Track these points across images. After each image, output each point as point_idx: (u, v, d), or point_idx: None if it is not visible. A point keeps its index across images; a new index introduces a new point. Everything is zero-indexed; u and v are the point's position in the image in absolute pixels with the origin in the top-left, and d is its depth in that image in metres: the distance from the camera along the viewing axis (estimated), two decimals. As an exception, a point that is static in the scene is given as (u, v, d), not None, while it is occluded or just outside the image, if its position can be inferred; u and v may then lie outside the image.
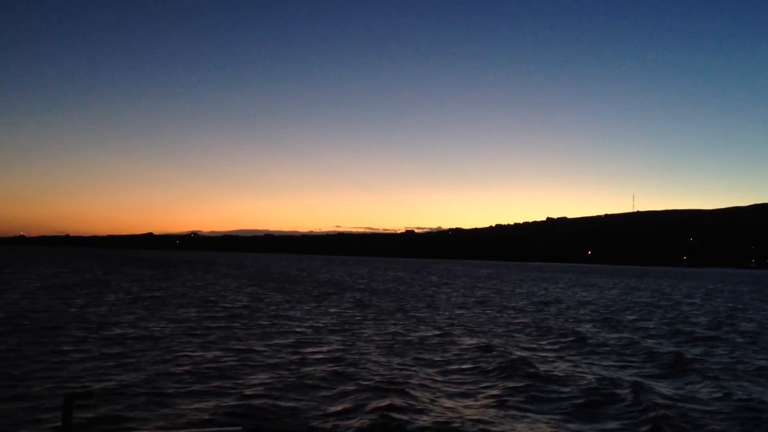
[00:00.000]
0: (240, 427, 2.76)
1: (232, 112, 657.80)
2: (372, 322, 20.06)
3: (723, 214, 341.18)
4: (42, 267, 58.35)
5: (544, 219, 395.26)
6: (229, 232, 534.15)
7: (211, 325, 17.37)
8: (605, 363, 13.33)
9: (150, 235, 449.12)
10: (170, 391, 9.25)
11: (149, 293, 28.76)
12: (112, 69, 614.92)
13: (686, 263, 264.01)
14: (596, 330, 19.99)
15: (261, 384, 9.83)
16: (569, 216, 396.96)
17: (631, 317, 25.61)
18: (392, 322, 20.36)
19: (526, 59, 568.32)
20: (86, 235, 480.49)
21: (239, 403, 8.56)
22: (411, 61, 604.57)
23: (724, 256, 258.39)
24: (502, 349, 14.88)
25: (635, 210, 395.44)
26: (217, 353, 12.71)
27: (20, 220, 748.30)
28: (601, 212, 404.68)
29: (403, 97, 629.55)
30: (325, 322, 19.70)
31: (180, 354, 12.45)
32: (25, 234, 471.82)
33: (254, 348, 13.58)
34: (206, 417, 7.82)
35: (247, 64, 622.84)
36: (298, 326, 18.06)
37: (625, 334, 18.87)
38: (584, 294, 42.87)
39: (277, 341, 14.65)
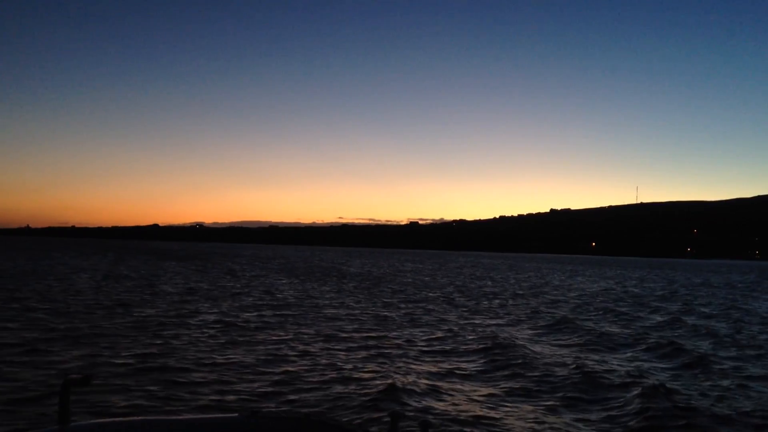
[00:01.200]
0: (237, 414, 2.70)
1: (234, 103, 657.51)
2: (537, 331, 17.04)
3: (727, 205, 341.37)
4: (77, 258, 57.43)
5: (548, 210, 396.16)
6: (231, 223, 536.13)
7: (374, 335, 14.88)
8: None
9: (155, 226, 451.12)
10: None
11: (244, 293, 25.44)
12: (118, 61, 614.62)
13: (691, 255, 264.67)
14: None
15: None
16: (573, 207, 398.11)
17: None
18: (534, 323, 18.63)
19: (530, 51, 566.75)
20: (92, 226, 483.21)
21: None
22: (415, 53, 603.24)
23: (729, 248, 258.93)
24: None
25: (639, 202, 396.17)
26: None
27: (26, 211, 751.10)
28: (605, 204, 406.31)
29: (406, 89, 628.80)
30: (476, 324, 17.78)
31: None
32: (31, 225, 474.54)
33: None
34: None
35: (251, 55, 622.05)
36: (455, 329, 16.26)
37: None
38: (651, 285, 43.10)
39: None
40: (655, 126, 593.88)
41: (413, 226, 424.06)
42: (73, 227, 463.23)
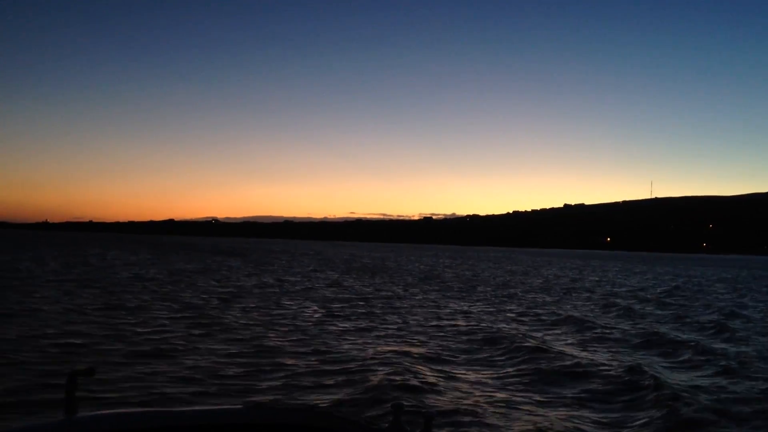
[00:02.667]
0: (241, 406, 2.76)
1: (246, 99, 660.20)
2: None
3: (742, 200, 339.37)
4: (122, 253, 56.53)
5: (562, 205, 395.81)
6: (244, 218, 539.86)
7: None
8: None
9: (171, 221, 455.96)
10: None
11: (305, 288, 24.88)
12: (135, 59, 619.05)
13: (706, 250, 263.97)
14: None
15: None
16: (587, 202, 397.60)
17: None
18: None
19: (544, 46, 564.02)
20: (109, 221, 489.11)
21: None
22: (428, 48, 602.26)
23: (744, 243, 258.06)
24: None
25: (653, 196, 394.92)
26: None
27: (44, 206, 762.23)
28: (619, 198, 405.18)
29: (419, 84, 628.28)
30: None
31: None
32: (49, 220, 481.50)
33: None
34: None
35: (265, 52, 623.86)
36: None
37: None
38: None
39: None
40: (669, 120, 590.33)
41: (427, 221, 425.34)
42: (90, 222, 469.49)
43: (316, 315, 16.08)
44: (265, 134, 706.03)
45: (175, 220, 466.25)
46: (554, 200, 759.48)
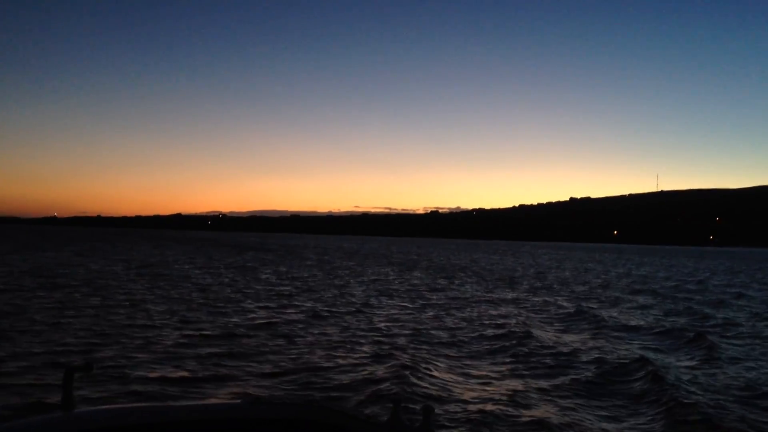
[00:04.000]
0: (240, 400, 2.73)
1: (250, 94, 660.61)
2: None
3: (748, 193, 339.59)
4: (157, 249, 56.70)
5: (568, 199, 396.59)
6: (249, 212, 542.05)
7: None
8: None
9: (179, 215, 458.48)
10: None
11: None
12: (143, 54, 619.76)
13: (714, 243, 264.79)
14: None
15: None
16: (593, 196, 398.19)
17: None
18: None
19: (549, 39, 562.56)
20: (116, 215, 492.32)
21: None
22: (433, 42, 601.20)
23: (752, 236, 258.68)
24: None
25: (659, 190, 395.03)
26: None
27: (52, 200, 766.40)
28: (625, 192, 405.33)
29: (423, 77, 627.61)
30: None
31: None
32: (57, 215, 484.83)
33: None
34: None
35: (270, 48, 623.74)
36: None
37: None
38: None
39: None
40: (675, 113, 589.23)
41: (433, 215, 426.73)
42: (98, 216, 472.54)
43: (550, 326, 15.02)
44: (270, 129, 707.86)
45: (183, 214, 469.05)
46: (560, 194, 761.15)
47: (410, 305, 18.35)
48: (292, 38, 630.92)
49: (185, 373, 8.52)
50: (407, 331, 13.13)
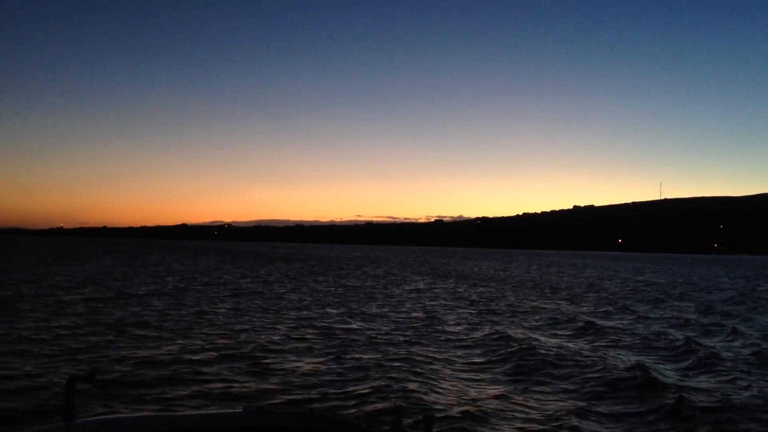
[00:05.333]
0: (241, 409, 2.66)
1: (252, 103, 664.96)
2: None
3: (752, 201, 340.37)
4: (186, 260, 57.63)
5: (571, 207, 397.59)
6: (252, 222, 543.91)
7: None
8: None
9: (184, 225, 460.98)
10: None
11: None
12: (146, 65, 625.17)
13: (717, 250, 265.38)
14: None
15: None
16: (596, 204, 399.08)
17: None
18: None
19: (552, 47, 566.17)
20: (122, 226, 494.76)
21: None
22: (434, 49, 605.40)
23: (755, 243, 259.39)
24: None
25: (663, 197, 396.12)
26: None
27: (58, 211, 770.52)
28: (629, 200, 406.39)
29: (425, 86, 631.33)
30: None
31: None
32: (64, 226, 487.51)
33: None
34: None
35: (271, 58, 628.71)
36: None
37: None
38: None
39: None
40: (677, 121, 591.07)
41: (438, 224, 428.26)
42: (104, 227, 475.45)
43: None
44: (271, 138, 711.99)
45: (188, 224, 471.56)
46: (563, 202, 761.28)
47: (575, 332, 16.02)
48: (295, 49, 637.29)
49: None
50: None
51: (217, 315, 16.90)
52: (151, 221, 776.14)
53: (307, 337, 13.64)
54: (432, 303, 22.72)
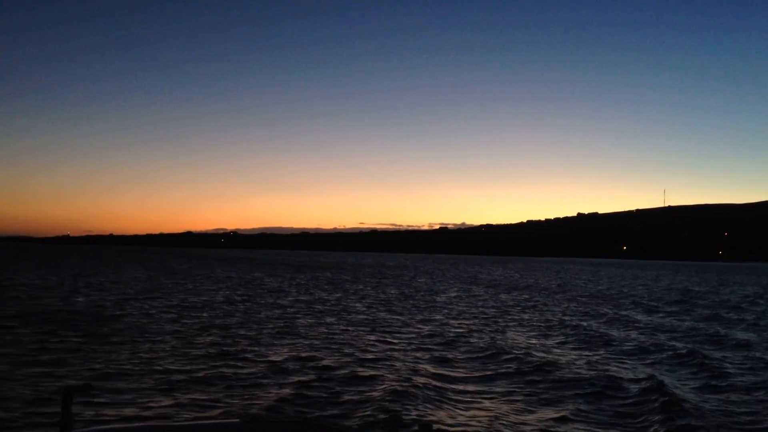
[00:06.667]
0: (237, 419, 2.63)
1: (257, 114, 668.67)
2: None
3: (756, 208, 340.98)
4: (221, 270, 57.25)
5: (575, 214, 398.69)
6: (256, 229, 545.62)
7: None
8: None
9: (189, 233, 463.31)
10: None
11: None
12: (152, 74, 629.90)
13: (723, 258, 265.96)
14: None
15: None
16: (600, 211, 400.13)
17: None
18: None
19: (555, 53, 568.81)
20: (128, 234, 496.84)
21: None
22: (437, 56, 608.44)
23: (760, 251, 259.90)
24: None
25: (667, 205, 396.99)
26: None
27: (65, 219, 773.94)
28: (633, 207, 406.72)
29: (428, 92, 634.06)
30: None
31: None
32: (70, 234, 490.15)
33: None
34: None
35: (274, 66, 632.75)
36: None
37: None
38: None
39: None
40: (681, 128, 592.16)
41: (442, 231, 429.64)
42: (111, 235, 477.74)
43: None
44: (274, 146, 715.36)
45: (193, 232, 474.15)
46: (568, 209, 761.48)
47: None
48: (297, 56, 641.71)
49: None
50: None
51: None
52: (156, 229, 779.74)
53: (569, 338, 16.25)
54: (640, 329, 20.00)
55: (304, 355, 12.77)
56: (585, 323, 20.62)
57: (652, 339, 16.92)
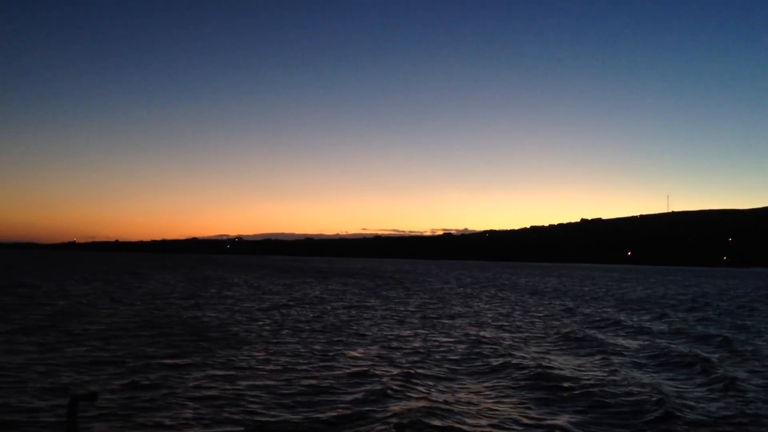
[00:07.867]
0: (242, 428, 2.49)
1: (261, 120, 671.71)
2: None
3: (761, 213, 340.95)
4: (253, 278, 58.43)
5: (579, 220, 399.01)
6: (260, 235, 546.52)
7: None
8: None
9: (195, 239, 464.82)
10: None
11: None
12: (156, 81, 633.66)
13: (727, 263, 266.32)
14: None
15: None
16: (604, 217, 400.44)
17: None
18: None
19: (558, 59, 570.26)
20: (133, 240, 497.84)
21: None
22: (439, 62, 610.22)
23: (765, 256, 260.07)
24: None
25: (670, 210, 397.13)
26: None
27: (71, 226, 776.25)
28: (636, 213, 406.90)
29: (430, 97, 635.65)
30: None
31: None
32: (77, 240, 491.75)
33: None
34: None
35: (278, 72, 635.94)
36: None
37: None
38: None
39: None
40: (685, 134, 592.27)
41: (446, 237, 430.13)
42: (116, 241, 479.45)
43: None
44: (276, 152, 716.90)
45: (198, 238, 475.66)
46: (571, 215, 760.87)
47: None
48: (300, 62, 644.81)
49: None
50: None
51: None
52: (159, 235, 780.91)
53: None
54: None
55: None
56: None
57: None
